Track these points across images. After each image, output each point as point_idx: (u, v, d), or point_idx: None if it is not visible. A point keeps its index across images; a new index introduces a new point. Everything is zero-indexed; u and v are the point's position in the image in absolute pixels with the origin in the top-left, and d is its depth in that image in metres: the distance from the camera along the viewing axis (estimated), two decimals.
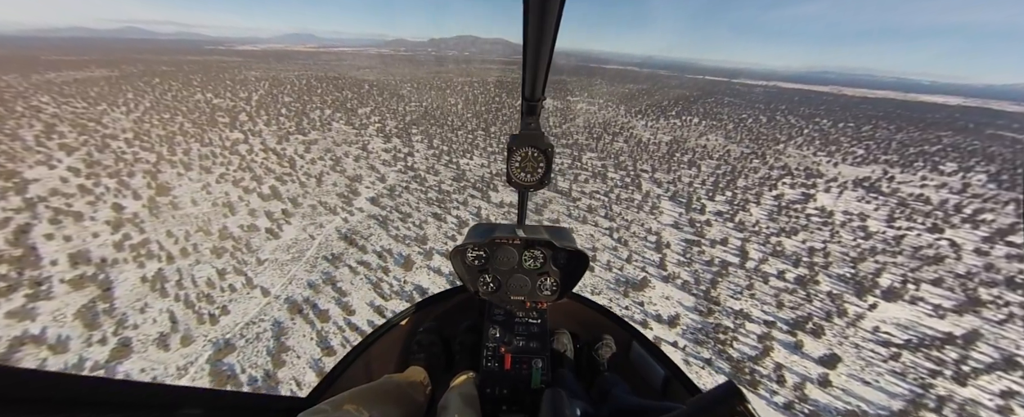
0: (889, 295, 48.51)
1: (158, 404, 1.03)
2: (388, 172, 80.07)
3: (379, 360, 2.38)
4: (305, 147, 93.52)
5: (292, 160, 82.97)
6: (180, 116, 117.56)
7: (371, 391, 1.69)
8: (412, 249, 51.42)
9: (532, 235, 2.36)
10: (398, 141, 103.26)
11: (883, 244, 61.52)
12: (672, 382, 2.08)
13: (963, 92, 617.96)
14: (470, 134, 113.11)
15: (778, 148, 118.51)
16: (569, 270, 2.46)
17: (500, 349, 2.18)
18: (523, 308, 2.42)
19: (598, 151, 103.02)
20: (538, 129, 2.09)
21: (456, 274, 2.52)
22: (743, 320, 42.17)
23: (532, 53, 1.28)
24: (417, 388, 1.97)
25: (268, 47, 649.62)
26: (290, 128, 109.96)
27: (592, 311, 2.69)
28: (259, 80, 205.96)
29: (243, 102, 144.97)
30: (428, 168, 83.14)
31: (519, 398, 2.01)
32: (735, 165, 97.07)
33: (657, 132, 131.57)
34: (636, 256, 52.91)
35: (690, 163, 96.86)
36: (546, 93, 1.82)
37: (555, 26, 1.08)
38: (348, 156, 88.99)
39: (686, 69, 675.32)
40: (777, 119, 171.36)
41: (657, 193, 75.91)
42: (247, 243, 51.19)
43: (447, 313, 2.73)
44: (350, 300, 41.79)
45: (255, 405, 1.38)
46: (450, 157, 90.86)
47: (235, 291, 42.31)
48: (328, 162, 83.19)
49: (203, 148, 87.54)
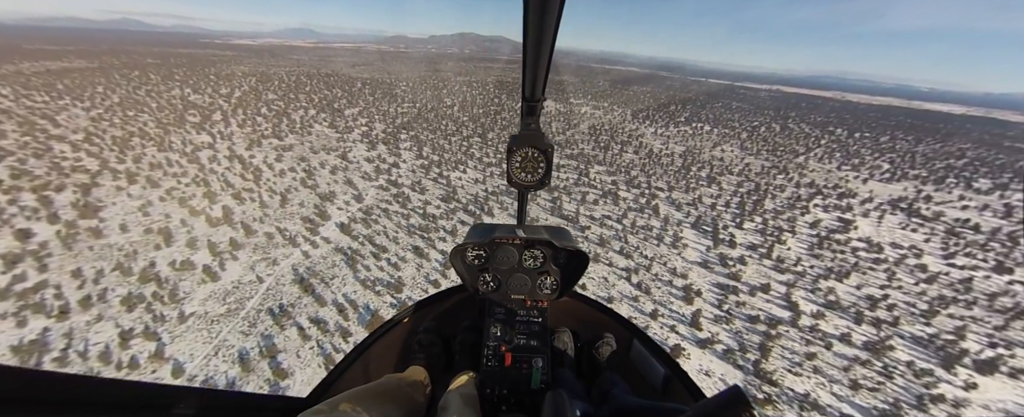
0: (984, 367, 38.04)
1: (157, 404, 1.02)
2: (367, 188, 68.78)
3: (379, 360, 2.32)
4: (277, 154, 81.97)
5: (258, 171, 71.48)
6: (146, 114, 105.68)
7: (371, 391, 1.65)
8: (382, 300, 40.42)
9: (532, 235, 2.30)
10: (384, 149, 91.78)
11: (951, 290, 51.08)
12: (673, 382, 2.04)
13: (964, 100, 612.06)
14: (465, 141, 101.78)
15: (799, 161, 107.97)
16: (569, 269, 2.41)
17: (500, 348, 2.12)
18: (523, 307, 2.37)
19: (607, 163, 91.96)
20: (538, 129, 2.10)
21: (456, 273, 2.43)
22: (813, 413, 31.61)
23: (532, 54, 1.28)
24: (417, 388, 1.93)
25: (265, 42, 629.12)
26: (266, 131, 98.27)
27: (593, 309, 2.65)
28: (246, 75, 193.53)
29: (222, 99, 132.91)
30: (414, 183, 71.89)
31: (519, 398, 1.97)
32: (758, 182, 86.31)
33: (669, 141, 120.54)
34: (662, 309, 42.15)
35: (709, 179, 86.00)
36: (547, 94, 1.85)
37: (555, 27, 1.07)
38: (324, 166, 77.55)
39: (685, 71, 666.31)
40: (790, 127, 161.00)
41: (677, 219, 65.04)
42: (174, 288, 39.98)
43: (447, 313, 2.69)
44: (292, 383, 30.85)
45: (254, 405, 1.36)
46: (441, 170, 79.57)
47: (136, 367, 31.21)
48: (299, 174, 71.75)
49: (159, 154, 75.92)
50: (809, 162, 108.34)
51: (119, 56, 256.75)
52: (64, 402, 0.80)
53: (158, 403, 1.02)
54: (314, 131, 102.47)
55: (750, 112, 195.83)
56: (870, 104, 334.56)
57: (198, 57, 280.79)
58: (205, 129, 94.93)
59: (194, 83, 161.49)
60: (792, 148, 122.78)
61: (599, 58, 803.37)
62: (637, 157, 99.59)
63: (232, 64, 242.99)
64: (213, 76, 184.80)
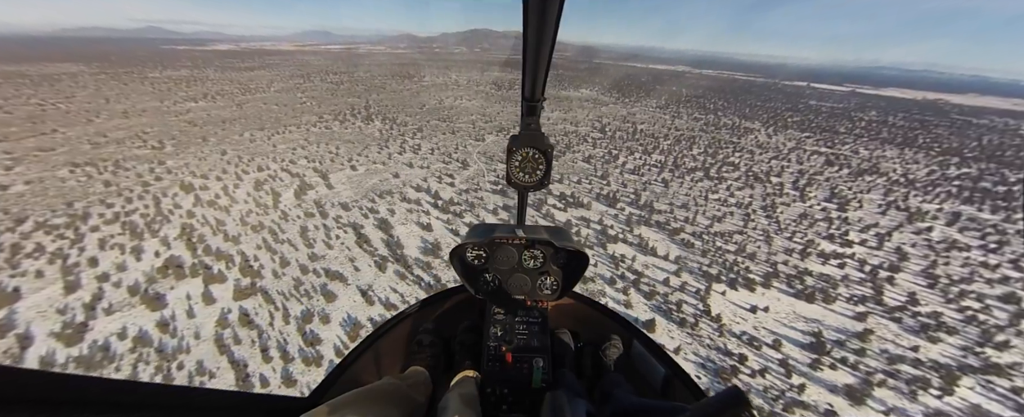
0: None
1: (158, 404, 1.00)
2: None
3: (379, 361, 2.30)
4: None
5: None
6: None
7: (371, 392, 1.63)
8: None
9: (532, 235, 2.23)
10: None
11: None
12: (673, 382, 2.02)
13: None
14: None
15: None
16: (569, 269, 2.35)
17: (501, 348, 2.11)
18: (523, 307, 2.34)
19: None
20: (538, 130, 2.07)
21: (456, 273, 2.36)
22: None
23: (532, 54, 1.27)
24: (417, 388, 1.90)
25: (253, 46, 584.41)
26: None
27: (593, 310, 2.62)
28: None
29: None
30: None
31: (520, 398, 1.97)
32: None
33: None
34: None
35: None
36: (547, 95, 1.90)
37: (555, 27, 1.06)
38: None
39: (712, 64, 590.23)
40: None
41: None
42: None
43: (447, 313, 2.63)
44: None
45: (255, 406, 1.34)
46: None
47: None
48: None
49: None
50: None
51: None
52: (64, 402, 0.78)
53: (160, 403, 1.00)
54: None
55: (906, 127, 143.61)
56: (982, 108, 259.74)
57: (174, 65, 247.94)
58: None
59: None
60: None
61: (629, 54, 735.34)
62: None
63: (201, 68, 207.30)
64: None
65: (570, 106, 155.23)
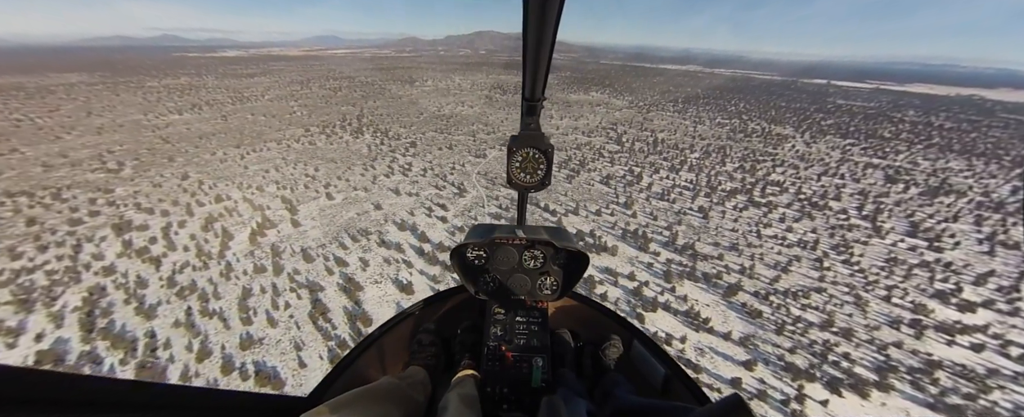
0: None
1: (159, 404, 0.99)
2: None
3: (379, 360, 2.26)
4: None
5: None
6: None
7: (371, 391, 1.61)
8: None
9: (532, 235, 2.21)
10: None
11: None
12: (673, 381, 2.00)
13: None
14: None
15: None
16: (569, 270, 2.32)
17: (501, 348, 2.09)
18: (523, 307, 2.31)
19: None
20: (538, 130, 2.05)
21: (456, 273, 2.32)
22: None
23: (532, 54, 1.25)
24: (417, 388, 1.88)
25: (261, 52, 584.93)
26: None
27: (593, 310, 2.57)
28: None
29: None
30: None
31: (520, 397, 1.94)
32: None
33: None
34: None
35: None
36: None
37: (554, 27, 1.05)
38: None
39: (724, 63, 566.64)
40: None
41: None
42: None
43: (447, 313, 2.60)
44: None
45: (256, 405, 1.32)
46: None
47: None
48: None
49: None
50: None
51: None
52: (64, 402, 0.77)
53: (160, 403, 0.99)
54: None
55: (956, 128, 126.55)
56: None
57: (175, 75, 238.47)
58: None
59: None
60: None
61: (633, 54, 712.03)
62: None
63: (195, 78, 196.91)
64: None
65: (581, 112, 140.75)
